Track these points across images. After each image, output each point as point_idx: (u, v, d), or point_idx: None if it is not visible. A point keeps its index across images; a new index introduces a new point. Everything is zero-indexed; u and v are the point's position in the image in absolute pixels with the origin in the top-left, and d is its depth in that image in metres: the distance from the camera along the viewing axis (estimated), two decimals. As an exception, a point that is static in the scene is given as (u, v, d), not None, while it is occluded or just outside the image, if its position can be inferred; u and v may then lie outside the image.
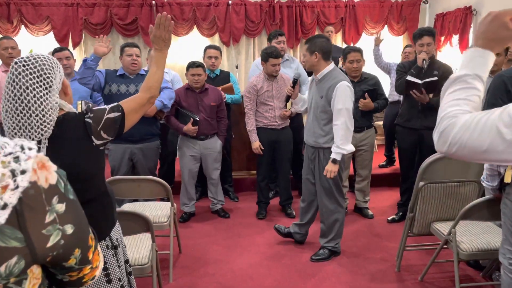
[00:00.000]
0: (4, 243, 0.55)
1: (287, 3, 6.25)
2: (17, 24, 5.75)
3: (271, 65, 3.59)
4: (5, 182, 0.55)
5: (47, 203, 0.62)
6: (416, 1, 6.48)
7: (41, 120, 1.34)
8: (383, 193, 4.50)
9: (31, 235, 0.59)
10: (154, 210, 2.98)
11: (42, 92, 1.34)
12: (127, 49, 3.38)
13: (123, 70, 3.40)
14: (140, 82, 3.34)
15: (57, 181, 0.65)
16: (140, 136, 3.31)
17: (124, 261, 1.69)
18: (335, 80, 2.82)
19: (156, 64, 1.68)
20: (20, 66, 1.34)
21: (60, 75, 1.42)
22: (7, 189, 0.55)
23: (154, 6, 5.96)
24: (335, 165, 2.85)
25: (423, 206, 2.70)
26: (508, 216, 1.87)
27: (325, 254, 3.11)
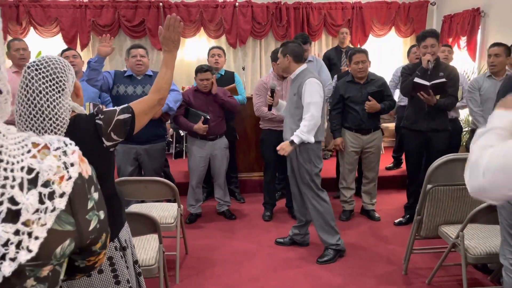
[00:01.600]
0: (61, 227, 0.63)
1: (294, 5, 6.26)
2: (26, 26, 5.82)
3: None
4: (61, 173, 0.63)
5: (88, 192, 0.70)
6: (424, 3, 6.45)
7: (55, 124, 1.35)
8: (390, 196, 4.48)
9: (79, 220, 0.67)
10: (161, 211, 2.99)
11: (55, 95, 1.36)
12: (132, 50, 3.41)
13: (131, 71, 3.42)
14: (147, 84, 3.36)
15: (92, 173, 0.75)
16: (146, 137, 3.32)
17: (133, 262, 1.70)
18: (305, 77, 2.98)
19: (165, 65, 1.68)
20: (33, 70, 1.35)
21: (72, 78, 1.43)
22: (63, 179, 0.63)
23: (162, 7, 5.99)
24: (290, 146, 2.95)
25: (431, 209, 2.68)
26: (505, 216, 1.87)
27: (330, 254, 3.12)
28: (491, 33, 5.29)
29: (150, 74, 3.44)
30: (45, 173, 0.60)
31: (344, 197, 3.91)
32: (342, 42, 5.46)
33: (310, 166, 3.03)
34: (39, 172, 0.60)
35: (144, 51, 3.43)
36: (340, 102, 3.73)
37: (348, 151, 3.75)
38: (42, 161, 0.61)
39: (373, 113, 3.65)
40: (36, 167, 0.60)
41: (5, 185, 0.56)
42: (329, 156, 5.68)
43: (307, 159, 3.01)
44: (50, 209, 0.60)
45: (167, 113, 3.49)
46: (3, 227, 0.55)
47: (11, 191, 0.56)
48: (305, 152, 3.01)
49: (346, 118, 3.75)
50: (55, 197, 0.61)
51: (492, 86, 3.52)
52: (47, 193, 0.60)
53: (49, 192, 0.60)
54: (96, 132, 1.45)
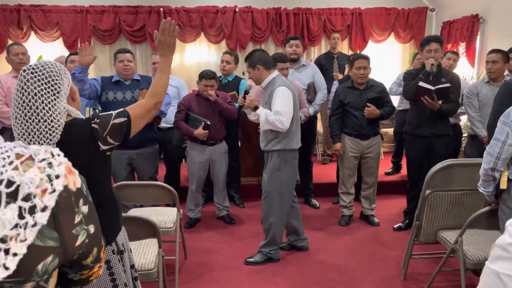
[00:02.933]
0: (43, 243, 0.59)
1: (293, 11, 6.29)
2: (27, 30, 5.84)
3: (279, 70, 3.61)
4: (44, 186, 0.60)
5: (75, 205, 0.67)
6: (423, 9, 6.49)
7: (49, 126, 1.36)
8: (389, 201, 4.49)
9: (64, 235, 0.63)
10: (161, 215, 2.99)
11: (50, 98, 1.37)
12: (119, 55, 3.37)
13: (118, 76, 3.39)
14: (136, 88, 3.35)
15: (81, 185, 0.71)
16: (138, 142, 3.26)
17: (130, 266, 1.70)
18: (275, 86, 2.95)
19: (161, 69, 1.70)
20: (29, 73, 1.37)
21: (68, 81, 1.44)
22: (46, 192, 0.60)
23: (162, 13, 6.02)
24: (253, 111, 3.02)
25: (430, 214, 2.69)
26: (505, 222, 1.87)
27: (259, 258, 3.16)
28: (490, 39, 5.32)
29: (138, 79, 3.42)
30: (26, 186, 0.57)
31: (344, 202, 3.92)
32: (334, 47, 5.46)
33: (278, 173, 3.01)
34: (19, 185, 0.57)
35: (131, 56, 3.40)
36: (339, 108, 3.74)
37: (348, 156, 3.76)
38: (24, 173, 0.58)
39: (372, 119, 3.67)
40: (16, 180, 0.57)
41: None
42: (329, 161, 5.69)
43: (277, 165, 3.00)
44: (31, 224, 0.57)
45: (159, 117, 3.49)
46: None
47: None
48: (276, 157, 2.99)
49: (345, 123, 3.76)
50: (36, 211, 0.58)
51: (490, 92, 3.53)
52: (28, 207, 0.57)
53: (30, 206, 0.57)
54: (92, 136, 1.46)
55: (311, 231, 3.77)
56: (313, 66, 4.36)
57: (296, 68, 4.18)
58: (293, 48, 4.14)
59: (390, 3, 6.43)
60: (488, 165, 2.07)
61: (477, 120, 3.62)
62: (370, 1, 6.41)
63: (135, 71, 3.45)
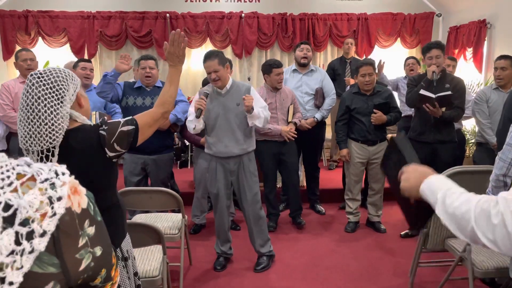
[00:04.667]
0: (42, 269, 0.57)
1: (299, 16, 6.30)
2: (35, 36, 5.89)
3: (275, 75, 3.61)
4: (44, 210, 0.57)
5: (80, 228, 0.63)
6: (429, 14, 6.47)
7: (50, 129, 1.38)
8: (396, 207, 4.42)
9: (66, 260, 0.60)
10: (166, 221, 2.98)
11: (53, 102, 1.39)
12: (142, 62, 3.42)
13: (140, 82, 3.44)
14: (156, 95, 3.37)
15: (88, 205, 0.67)
16: (154, 148, 3.33)
17: (133, 273, 1.69)
18: (245, 86, 3.02)
19: (170, 79, 1.72)
20: (35, 78, 1.40)
21: (74, 87, 1.46)
22: (45, 216, 0.56)
23: (168, 18, 6.05)
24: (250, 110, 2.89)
25: (438, 221, 2.65)
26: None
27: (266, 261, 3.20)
28: (497, 45, 5.28)
29: (160, 86, 3.46)
30: (23, 210, 0.54)
31: (350, 209, 3.89)
32: (347, 52, 5.46)
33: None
34: (17, 209, 0.54)
35: (154, 63, 3.44)
36: (346, 114, 3.72)
37: (354, 162, 3.74)
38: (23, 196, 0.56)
39: (379, 124, 3.64)
40: (14, 203, 0.54)
41: None
42: (334, 167, 5.66)
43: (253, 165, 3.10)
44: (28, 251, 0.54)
45: (176, 123, 3.50)
46: None
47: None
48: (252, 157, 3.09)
49: (352, 129, 3.74)
50: (34, 237, 0.55)
51: (500, 98, 3.49)
52: (25, 232, 0.54)
53: (28, 231, 0.54)
54: (99, 143, 1.47)
55: (317, 237, 3.75)
56: (321, 71, 4.33)
57: (305, 73, 4.17)
58: (303, 52, 4.11)
59: (396, 9, 6.42)
60: (500, 170, 2.04)
61: (487, 127, 3.57)
62: (376, 7, 6.40)
63: (157, 78, 3.48)
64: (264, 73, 3.71)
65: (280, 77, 3.64)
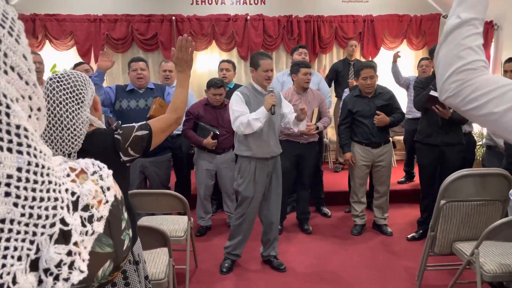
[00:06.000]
0: (102, 250, 0.64)
1: (305, 18, 6.29)
2: (42, 39, 5.93)
3: (303, 75, 3.61)
4: (99, 197, 0.64)
5: (122, 213, 0.72)
6: (436, 16, 6.43)
7: (72, 134, 1.38)
8: (402, 210, 4.42)
9: (116, 241, 0.68)
10: (171, 224, 2.98)
11: (74, 107, 1.39)
12: (132, 64, 3.41)
13: (132, 85, 3.42)
14: (150, 97, 3.37)
15: (121, 193, 0.76)
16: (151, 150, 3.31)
17: (144, 277, 1.69)
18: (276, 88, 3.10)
19: (180, 85, 1.73)
20: (55, 82, 1.40)
21: (91, 91, 1.47)
22: (101, 203, 0.64)
23: (174, 21, 6.07)
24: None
25: (445, 225, 2.63)
26: None
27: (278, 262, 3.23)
28: (504, 46, 5.24)
29: (152, 87, 3.46)
30: (85, 198, 0.61)
31: (356, 212, 3.87)
32: (351, 54, 5.46)
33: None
34: (79, 196, 0.61)
35: (144, 64, 3.43)
36: (348, 117, 3.71)
37: (359, 165, 3.72)
38: (82, 185, 0.63)
39: (382, 126, 3.63)
40: (76, 191, 0.61)
41: (56, 206, 0.57)
42: (341, 169, 5.64)
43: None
44: (90, 233, 0.61)
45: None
46: (56, 248, 0.55)
47: (62, 211, 0.57)
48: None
49: (355, 132, 3.72)
50: (93, 220, 0.62)
51: None
52: (87, 216, 0.61)
53: (89, 215, 0.61)
54: (114, 147, 1.47)
55: (322, 240, 3.73)
56: (318, 74, 4.45)
57: None
58: (302, 56, 4.15)
59: (402, 10, 6.39)
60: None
61: None
62: (382, 8, 6.38)
63: (148, 79, 3.47)
64: (292, 73, 3.73)
65: (307, 77, 3.65)
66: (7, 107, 0.52)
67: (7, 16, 0.54)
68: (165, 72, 4.10)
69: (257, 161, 2.98)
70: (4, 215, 0.51)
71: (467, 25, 0.92)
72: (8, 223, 0.52)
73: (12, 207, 0.52)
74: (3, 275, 0.50)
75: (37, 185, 0.55)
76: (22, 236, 0.53)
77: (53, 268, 0.54)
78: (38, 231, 0.54)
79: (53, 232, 0.56)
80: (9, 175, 0.52)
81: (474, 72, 0.90)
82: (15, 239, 0.52)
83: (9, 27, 0.54)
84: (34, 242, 0.54)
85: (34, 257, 0.54)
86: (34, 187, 0.54)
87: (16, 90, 0.54)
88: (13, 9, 0.56)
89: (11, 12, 0.55)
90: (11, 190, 0.52)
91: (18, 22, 0.57)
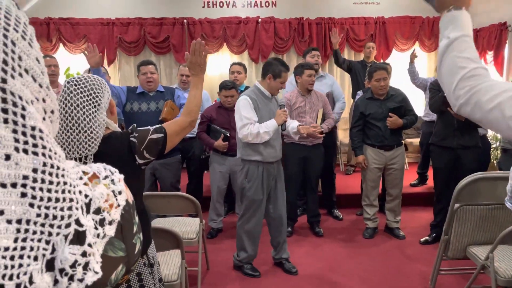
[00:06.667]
0: (114, 254, 0.64)
1: (316, 20, 6.28)
2: (56, 42, 6.02)
3: (307, 76, 3.61)
4: (111, 201, 0.65)
5: (133, 217, 0.72)
6: (448, 17, 6.37)
7: (89, 137, 1.40)
8: (415, 213, 4.38)
9: (128, 245, 0.69)
10: (183, 226, 3.00)
11: (91, 110, 1.41)
12: (142, 67, 3.42)
13: (142, 88, 3.44)
14: (160, 99, 3.40)
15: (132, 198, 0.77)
16: None
17: (158, 279, 1.71)
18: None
19: (194, 88, 1.74)
20: (72, 85, 1.42)
21: (107, 95, 1.49)
22: (112, 207, 0.64)
23: (186, 24, 6.11)
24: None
25: (459, 229, 2.60)
26: None
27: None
28: (519, 48, 5.17)
29: (162, 90, 3.48)
30: (97, 200, 0.62)
31: (368, 215, 3.85)
32: (368, 56, 5.42)
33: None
34: (91, 199, 0.62)
35: (154, 67, 3.44)
36: (360, 120, 3.69)
37: (371, 167, 3.70)
38: (94, 188, 0.63)
39: (395, 129, 3.60)
40: (89, 194, 0.62)
41: (71, 207, 0.57)
42: (352, 172, 5.61)
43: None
44: (102, 236, 0.61)
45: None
46: (71, 249, 0.56)
47: (76, 212, 0.58)
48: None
49: (368, 135, 3.70)
50: (105, 224, 0.62)
51: None
52: (98, 219, 0.61)
53: (100, 219, 0.62)
54: (130, 150, 1.49)
55: (334, 243, 3.72)
56: (331, 76, 4.45)
57: (316, 78, 4.17)
58: (315, 58, 4.16)
59: (414, 12, 6.35)
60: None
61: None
62: (393, 10, 6.34)
63: (158, 82, 3.49)
64: (296, 75, 3.73)
65: (311, 79, 3.66)
66: (23, 108, 0.52)
67: (20, 21, 0.55)
68: (182, 77, 4.12)
69: (264, 165, 3.00)
70: (21, 215, 0.52)
71: (458, 41, 1.00)
72: (25, 223, 0.52)
73: (28, 208, 0.52)
74: (20, 275, 0.50)
75: (52, 186, 0.55)
76: (38, 236, 0.53)
77: (68, 269, 0.55)
78: (53, 231, 0.55)
79: (68, 233, 0.56)
80: (25, 176, 0.52)
81: (479, 78, 0.96)
82: (31, 239, 0.52)
83: (22, 31, 0.55)
84: (50, 242, 0.54)
85: (50, 257, 0.54)
86: (50, 188, 0.55)
87: (31, 93, 0.55)
88: (24, 14, 0.57)
89: (23, 17, 0.56)
90: (27, 191, 0.52)
91: (30, 27, 0.57)
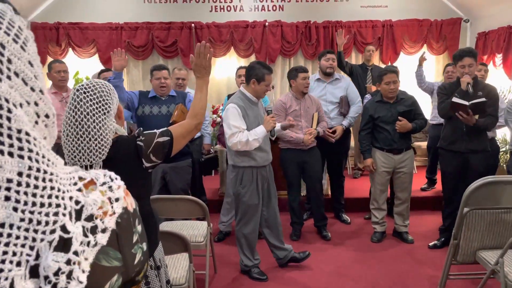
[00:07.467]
0: (109, 263, 0.62)
1: (323, 24, 6.28)
2: (65, 47, 6.09)
3: (301, 79, 3.62)
4: (105, 209, 0.62)
5: (133, 225, 0.70)
6: (457, 20, 6.34)
7: (99, 144, 1.41)
8: (423, 217, 4.35)
9: (125, 254, 0.66)
10: (191, 229, 3.01)
11: (101, 117, 1.42)
12: (156, 72, 3.45)
13: (154, 92, 3.47)
14: (172, 103, 3.42)
15: (135, 206, 0.74)
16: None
17: (166, 281, 1.71)
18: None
19: (199, 91, 1.75)
20: (82, 93, 1.43)
21: (116, 100, 1.51)
22: (106, 214, 0.62)
23: (193, 28, 6.15)
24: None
25: (468, 233, 2.58)
26: None
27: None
28: (528, 50, 5.13)
29: (174, 95, 3.51)
30: (89, 207, 0.60)
31: (376, 218, 3.83)
32: (368, 59, 5.42)
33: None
34: (83, 206, 0.60)
35: (167, 72, 3.47)
36: (369, 123, 3.68)
37: (380, 171, 3.68)
38: (88, 195, 0.61)
39: (404, 132, 3.58)
40: (81, 200, 0.60)
41: (57, 213, 0.55)
42: (359, 175, 5.59)
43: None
44: (92, 244, 0.59)
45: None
46: (55, 256, 0.54)
47: (63, 218, 0.56)
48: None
49: (377, 138, 3.69)
50: (97, 232, 0.60)
51: None
52: (90, 227, 0.59)
53: (92, 226, 0.60)
54: (137, 153, 1.50)
55: (342, 247, 3.70)
56: (346, 79, 4.35)
57: (330, 82, 4.17)
58: (329, 62, 4.13)
59: (422, 15, 6.32)
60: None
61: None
62: (401, 13, 6.32)
63: (170, 87, 3.53)
64: (290, 79, 3.74)
65: (306, 82, 3.66)
66: (9, 111, 0.51)
67: (14, 24, 0.55)
68: (178, 80, 4.14)
69: (258, 169, 3.04)
70: (4, 219, 0.50)
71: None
72: (8, 227, 0.51)
73: (12, 212, 0.51)
74: (1, 280, 0.49)
75: (37, 190, 0.54)
76: (22, 241, 0.52)
77: (51, 276, 0.53)
78: (38, 237, 0.53)
79: (53, 239, 0.54)
80: (9, 179, 0.51)
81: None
82: (14, 244, 0.51)
83: (14, 34, 0.54)
84: (34, 248, 0.53)
85: (34, 263, 0.53)
86: (35, 192, 0.53)
87: (20, 96, 0.54)
88: (21, 19, 0.56)
89: (18, 21, 0.56)
90: (10, 194, 0.51)
91: (26, 31, 0.57)
